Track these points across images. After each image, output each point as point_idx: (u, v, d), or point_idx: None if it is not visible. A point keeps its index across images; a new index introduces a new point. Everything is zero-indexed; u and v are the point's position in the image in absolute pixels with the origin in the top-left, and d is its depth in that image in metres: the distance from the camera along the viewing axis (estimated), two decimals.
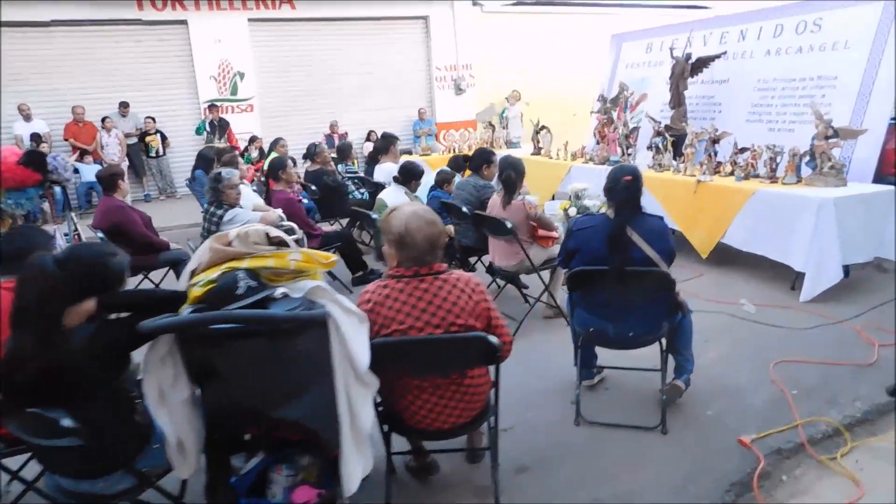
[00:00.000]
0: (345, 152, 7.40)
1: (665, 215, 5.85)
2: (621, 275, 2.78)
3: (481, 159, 4.84)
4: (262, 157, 9.58)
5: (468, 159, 5.65)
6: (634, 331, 2.92)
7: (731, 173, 5.47)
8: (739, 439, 2.87)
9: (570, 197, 5.84)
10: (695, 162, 5.80)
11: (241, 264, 1.99)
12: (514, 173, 4.13)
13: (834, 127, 4.83)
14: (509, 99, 10.99)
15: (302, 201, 6.32)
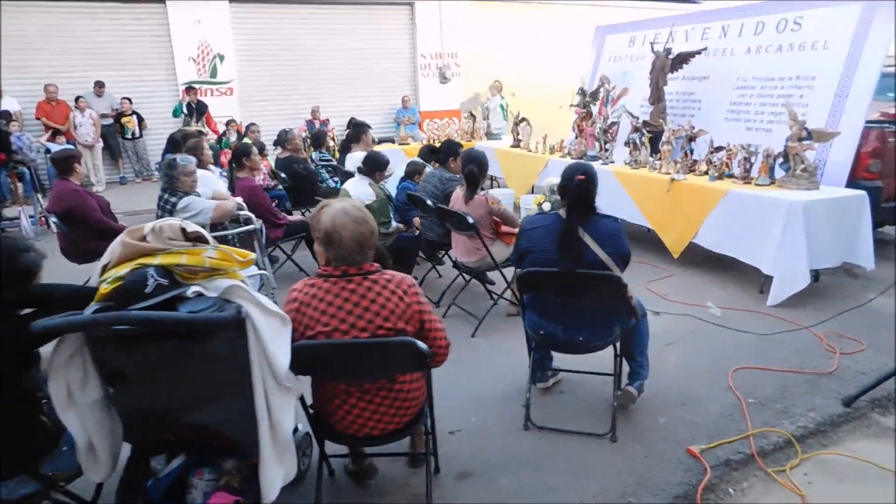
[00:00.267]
0: (319, 139, 7.25)
1: (638, 213, 5.84)
2: (571, 278, 2.69)
3: (448, 151, 4.72)
4: (240, 140, 9.40)
5: (435, 151, 5.53)
6: (584, 335, 2.83)
7: (706, 172, 5.39)
8: (689, 449, 2.80)
9: (546, 191, 5.75)
10: (671, 160, 5.72)
11: (153, 260, 1.87)
12: (477, 168, 4.02)
13: (808, 129, 4.76)
14: (491, 89, 10.84)
15: (267, 188, 6.21)
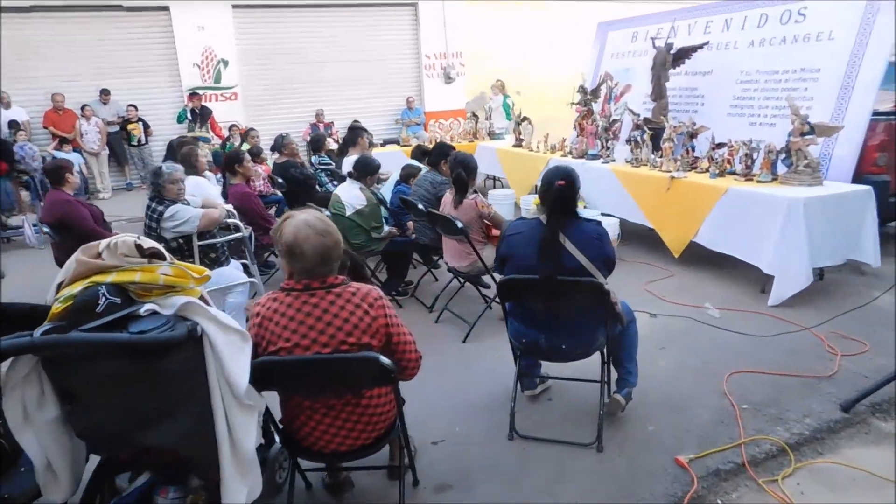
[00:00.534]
0: (318, 143, 7.21)
1: (639, 212, 5.73)
2: (551, 284, 2.61)
3: (440, 154, 4.66)
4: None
5: (427, 153, 5.47)
6: (567, 343, 2.76)
7: (708, 169, 5.28)
8: (676, 459, 2.71)
9: None
10: (672, 157, 5.60)
11: (106, 278, 1.83)
12: (465, 171, 3.95)
13: (810, 123, 4.63)
14: (493, 89, 10.75)
15: (266, 194, 6.19)
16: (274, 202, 6.44)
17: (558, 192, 2.65)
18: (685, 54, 6.52)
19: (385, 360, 1.95)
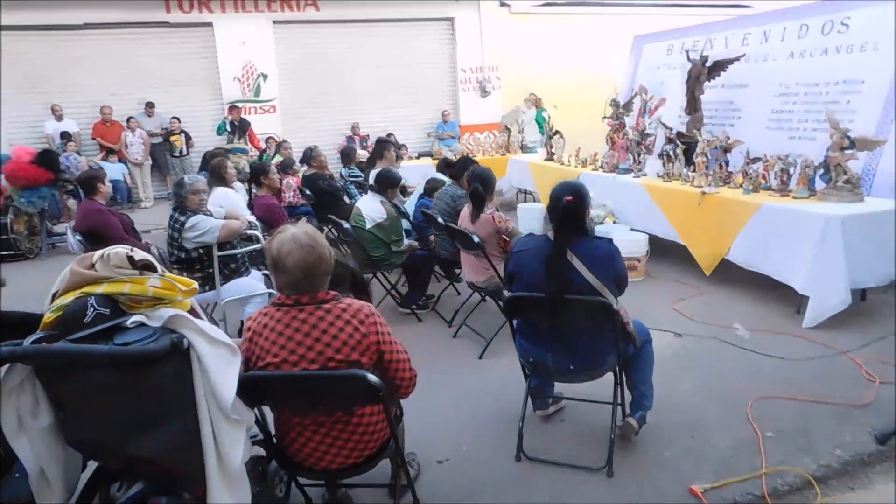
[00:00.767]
0: (349, 155, 7.29)
1: (670, 227, 5.56)
2: (557, 302, 2.52)
3: (462, 167, 4.62)
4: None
5: (451, 165, 5.44)
6: (575, 363, 2.66)
7: (742, 185, 5.08)
8: (691, 488, 2.58)
9: None
10: (704, 172, 5.42)
11: (97, 289, 1.85)
12: (482, 186, 3.90)
13: (850, 137, 4.41)
14: (526, 102, 10.68)
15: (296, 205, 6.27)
16: (304, 213, 6.51)
17: (566, 208, 2.56)
18: (721, 67, 6.34)
19: (373, 377, 1.90)
